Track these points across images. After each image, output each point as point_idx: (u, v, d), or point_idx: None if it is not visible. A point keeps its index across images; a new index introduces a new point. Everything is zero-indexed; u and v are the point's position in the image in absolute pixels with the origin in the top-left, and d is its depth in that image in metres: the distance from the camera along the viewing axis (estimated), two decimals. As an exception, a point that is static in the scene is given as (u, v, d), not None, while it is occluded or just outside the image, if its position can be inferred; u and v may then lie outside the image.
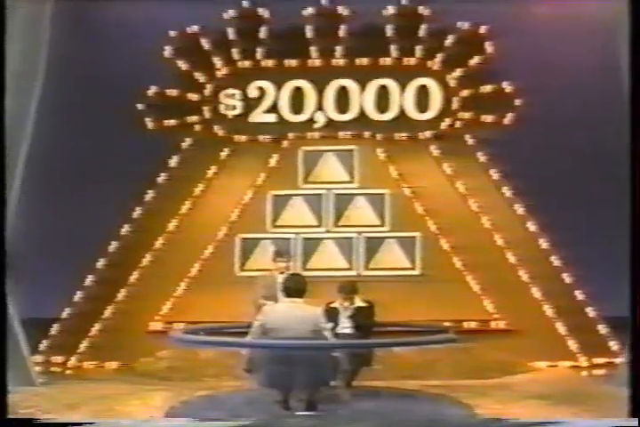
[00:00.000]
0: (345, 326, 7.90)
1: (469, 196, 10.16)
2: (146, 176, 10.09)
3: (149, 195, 10.34)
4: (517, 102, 10.06)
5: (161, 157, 10.20)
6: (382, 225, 10.12)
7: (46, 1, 8.20)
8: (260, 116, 10.36)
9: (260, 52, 10.43)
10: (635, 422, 5.76)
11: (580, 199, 9.30)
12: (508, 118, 10.13)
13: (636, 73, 6.98)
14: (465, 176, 10.21)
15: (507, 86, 10.13)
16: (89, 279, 10.14)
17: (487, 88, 10.21)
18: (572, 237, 9.06)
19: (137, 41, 9.55)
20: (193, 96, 10.48)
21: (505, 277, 9.83)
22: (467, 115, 10.26)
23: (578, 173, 9.56)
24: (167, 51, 10.32)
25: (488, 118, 10.20)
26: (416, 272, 9.97)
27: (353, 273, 9.92)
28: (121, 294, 10.08)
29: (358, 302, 8.04)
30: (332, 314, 7.67)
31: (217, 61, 10.47)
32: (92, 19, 9.60)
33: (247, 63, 10.46)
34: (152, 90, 10.38)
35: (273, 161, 10.36)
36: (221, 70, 10.49)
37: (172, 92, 10.47)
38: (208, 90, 10.46)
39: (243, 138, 10.43)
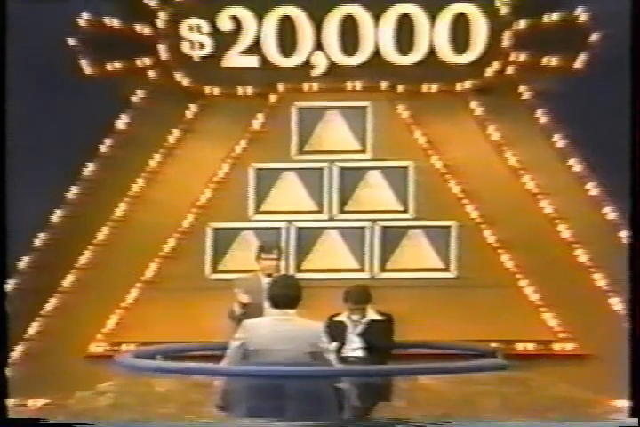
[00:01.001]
0: (354, 346, 8.00)
1: (524, 171, 10.08)
2: (84, 142, 9.96)
3: (89, 169, 10.30)
4: (594, 37, 9.97)
5: (104, 115, 10.10)
6: (405, 211, 10.12)
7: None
8: (236, 58, 10.29)
9: (231, -34, 10.46)
10: (635, 422, 6.44)
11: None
12: (581, 61, 10.05)
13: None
14: (519, 144, 10.15)
15: (581, 14, 10.04)
16: (8, 285, 9.66)
17: (553, 17, 10.12)
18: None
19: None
20: (143, 29, 10.43)
21: (573, 282, 9.71)
22: (522, 56, 10.21)
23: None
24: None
25: (553, 61, 10.14)
26: (450, 275, 9.98)
27: (365, 275, 9.96)
28: (50, 306, 10.06)
29: (372, 315, 8.14)
30: (336, 331, 7.69)
31: (171, -22, 10.54)
32: None
33: (214, -19, 10.50)
34: (84, 18, 10.33)
35: (257, 122, 10.35)
36: (179, -8, 10.57)
37: (113, 23, 10.40)
38: (162, 20, 10.41)
39: (215, 90, 10.41)
